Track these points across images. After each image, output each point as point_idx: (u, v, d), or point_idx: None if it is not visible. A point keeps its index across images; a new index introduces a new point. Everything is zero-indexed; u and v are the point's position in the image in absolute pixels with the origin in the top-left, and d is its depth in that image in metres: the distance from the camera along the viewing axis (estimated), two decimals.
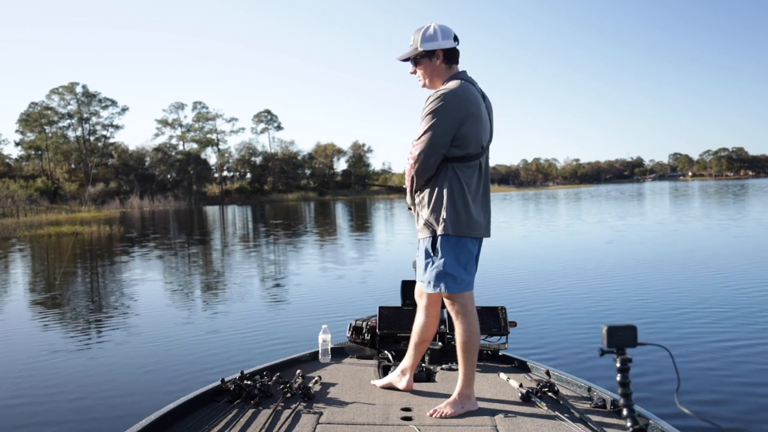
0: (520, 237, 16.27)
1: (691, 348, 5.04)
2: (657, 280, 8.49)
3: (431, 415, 2.55)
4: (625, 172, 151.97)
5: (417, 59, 2.73)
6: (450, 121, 2.56)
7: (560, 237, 15.98)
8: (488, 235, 2.77)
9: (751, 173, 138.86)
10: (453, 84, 2.62)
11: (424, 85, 2.77)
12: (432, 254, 2.64)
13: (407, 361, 2.92)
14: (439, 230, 2.61)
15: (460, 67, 2.76)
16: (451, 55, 2.70)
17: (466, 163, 2.63)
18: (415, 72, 2.78)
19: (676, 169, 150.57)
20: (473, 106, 2.61)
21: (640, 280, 8.54)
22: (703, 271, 9.23)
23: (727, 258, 10.63)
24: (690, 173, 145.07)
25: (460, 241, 2.62)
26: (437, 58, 2.69)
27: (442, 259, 2.61)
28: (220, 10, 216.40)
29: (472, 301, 2.70)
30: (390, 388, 2.93)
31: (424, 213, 2.66)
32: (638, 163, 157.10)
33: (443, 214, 2.60)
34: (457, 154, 2.61)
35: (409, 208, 2.87)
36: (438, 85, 2.71)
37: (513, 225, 20.44)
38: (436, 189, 2.62)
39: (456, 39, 2.71)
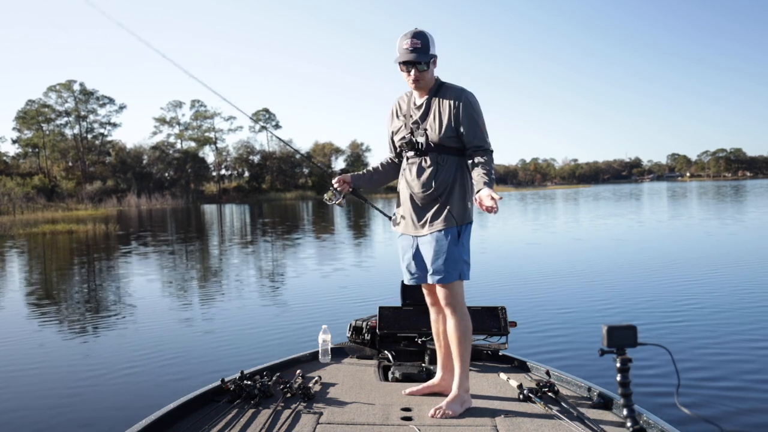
0: (519, 237, 16.29)
1: (692, 348, 5.05)
2: (657, 280, 8.50)
3: (433, 416, 2.55)
4: (623, 173, 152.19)
5: (429, 64, 2.71)
6: None
7: (560, 237, 15.99)
8: None
9: (749, 174, 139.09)
10: (461, 86, 2.79)
11: (417, 88, 2.77)
12: (456, 244, 2.69)
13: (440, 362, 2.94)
14: (465, 219, 2.73)
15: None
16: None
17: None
18: (418, 75, 2.70)
19: (674, 170, 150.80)
20: None
21: (640, 280, 8.55)
22: (703, 271, 9.24)
23: (726, 257, 10.65)
24: (688, 174, 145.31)
25: (470, 228, 2.78)
26: (435, 62, 2.77)
27: (464, 247, 2.72)
28: (219, 9, 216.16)
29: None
30: (431, 393, 2.88)
31: (449, 204, 2.70)
32: (636, 163, 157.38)
33: (468, 203, 2.74)
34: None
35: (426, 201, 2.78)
36: (425, 89, 2.76)
37: (512, 225, 20.45)
38: (460, 180, 2.75)
39: None
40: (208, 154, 77.69)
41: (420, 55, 2.67)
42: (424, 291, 2.94)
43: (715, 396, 3.95)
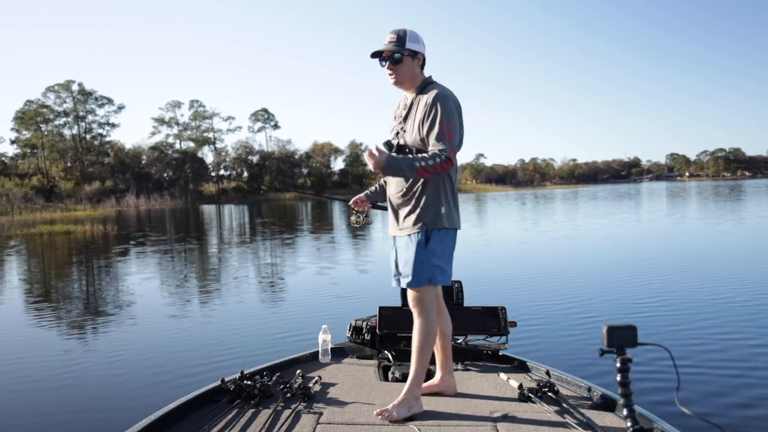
0: (519, 237, 16.29)
1: (691, 348, 5.05)
2: (657, 280, 8.50)
3: (379, 415, 2.49)
4: (622, 173, 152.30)
5: (402, 56, 2.71)
6: (459, 120, 2.68)
7: (559, 237, 15.99)
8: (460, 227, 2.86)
9: (747, 174, 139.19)
10: (444, 87, 2.71)
11: (395, 83, 2.76)
12: (425, 248, 2.64)
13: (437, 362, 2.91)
14: (436, 224, 2.65)
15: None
16: (425, 62, 2.79)
17: None
18: (392, 67, 2.72)
19: (673, 170, 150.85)
20: (460, 107, 2.74)
21: (640, 280, 8.56)
22: (704, 271, 9.25)
23: (726, 257, 10.66)
24: (687, 174, 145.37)
25: (449, 234, 2.70)
26: (418, 60, 2.75)
27: (435, 252, 2.64)
28: (218, 8, 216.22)
29: (439, 297, 2.80)
30: (430, 393, 2.85)
31: (417, 208, 2.67)
32: (635, 163, 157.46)
33: (441, 208, 2.66)
34: None
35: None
36: (408, 86, 2.76)
37: (512, 225, 20.46)
38: (432, 184, 2.67)
39: None
40: (207, 155, 77.78)
41: (388, 45, 2.69)
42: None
43: (715, 395, 3.95)
